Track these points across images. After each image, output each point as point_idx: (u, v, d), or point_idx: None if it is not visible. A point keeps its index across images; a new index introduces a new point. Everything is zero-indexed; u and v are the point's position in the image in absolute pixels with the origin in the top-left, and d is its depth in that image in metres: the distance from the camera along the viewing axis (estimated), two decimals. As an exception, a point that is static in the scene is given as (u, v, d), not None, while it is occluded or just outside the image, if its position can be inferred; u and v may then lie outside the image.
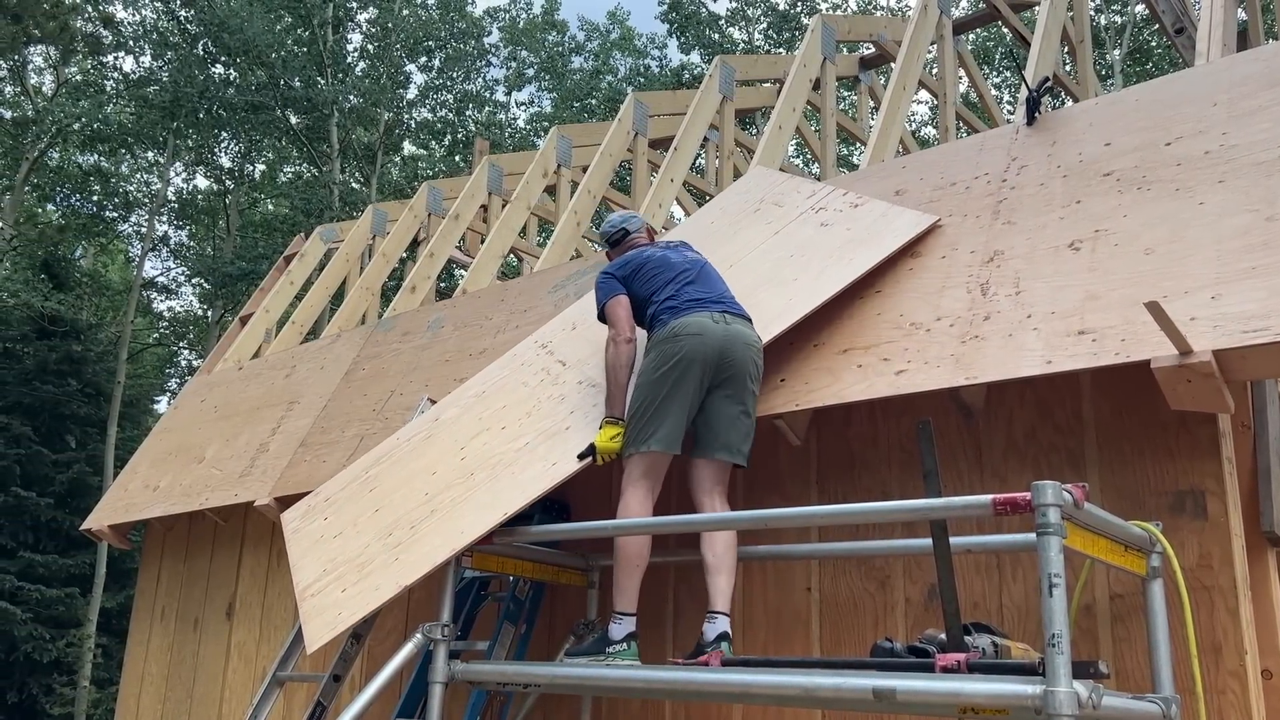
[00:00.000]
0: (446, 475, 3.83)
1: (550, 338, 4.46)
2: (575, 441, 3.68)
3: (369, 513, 3.87)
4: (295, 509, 4.23)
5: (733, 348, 3.54)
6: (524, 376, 4.25)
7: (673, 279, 3.79)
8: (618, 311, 3.80)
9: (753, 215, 4.63)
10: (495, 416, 4.07)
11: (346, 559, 3.65)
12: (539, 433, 3.82)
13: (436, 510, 3.64)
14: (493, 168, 8.05)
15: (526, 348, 4.48)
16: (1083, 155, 3.73)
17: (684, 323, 3.59)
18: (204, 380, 7.76)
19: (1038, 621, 3.18)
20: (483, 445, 3.91)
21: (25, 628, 17.11)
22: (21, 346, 20.21)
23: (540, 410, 3.96)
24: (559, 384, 4.08)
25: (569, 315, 4.58)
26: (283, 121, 22.22)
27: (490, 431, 3.97)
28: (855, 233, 4.02)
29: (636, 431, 3.55)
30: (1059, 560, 2.24)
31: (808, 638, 3.67)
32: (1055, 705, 2.14)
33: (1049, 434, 3.36)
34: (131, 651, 6.87)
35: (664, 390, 3.52)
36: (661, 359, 3.56)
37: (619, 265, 3.98)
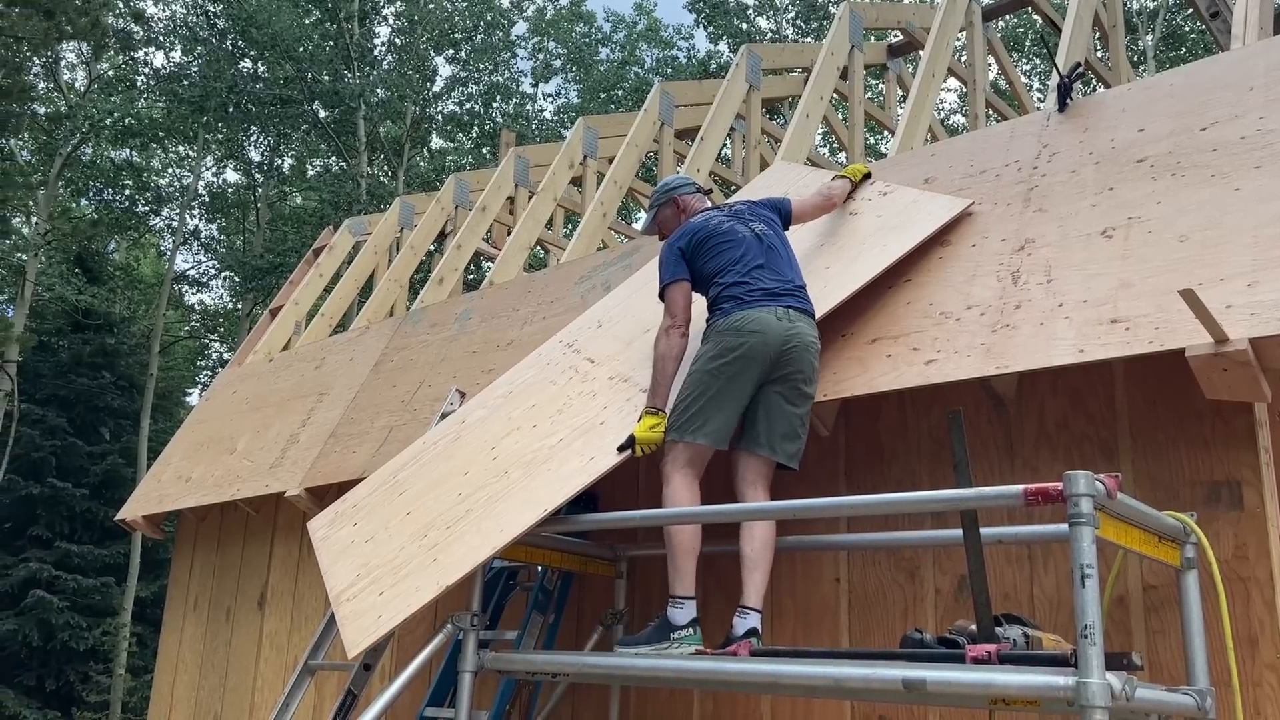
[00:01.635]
0: (479, 475, 3.80)
1: (576, 336, 4.42)
2: (611, 436, 3.63)
3: (400, 516, 3.83)
4: (322, 517, 4.19)
5: (793, 348, 3.45)
6: (552, 375, 4.22)
7: (739, 259, 3.63)
8: (677, 298, 3.66)
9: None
10: (525, 415, 4.03)
11: (381, 562, 3.60)
12: (572, 429, 3.78)
13: (472, 510, 3.59)
14: (519, 160, 8.06)
15: (552, 347, 4.44)
16: (1115, 142, 3.68)
17: (749, 317, 3.48)
18: (235, 372, 7.83)
19: (1070, 613, 3.15)
20: (515, 444, 3.87)
21: (62, 616, 17.38)
22: (57, 340, 20.50)
23: (572, 407, 3.92)
24: (589, 381, 4.04)
25: (594, 314, 4.54)
26: (310, 115, 22.36)
27: (521, 430, 3.94)
28: (886, 219, 3.98)
29: (685, 419, 3.47)
30: (1091, 551, 2.21)
31: (836, 629, 3.66)
32: (1088, 697, 2.12)
33: (1081, 424, 3.32)
34: (165, 640, 6.96)
35: (719, 384, 3.45)
36: (721, 351, 3.47)
37: (684, 236, 3.79)
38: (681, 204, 4.05)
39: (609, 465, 3.52)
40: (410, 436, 5.27)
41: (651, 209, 4.17)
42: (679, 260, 3.72)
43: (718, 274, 3.63)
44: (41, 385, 19.64)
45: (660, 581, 4.16)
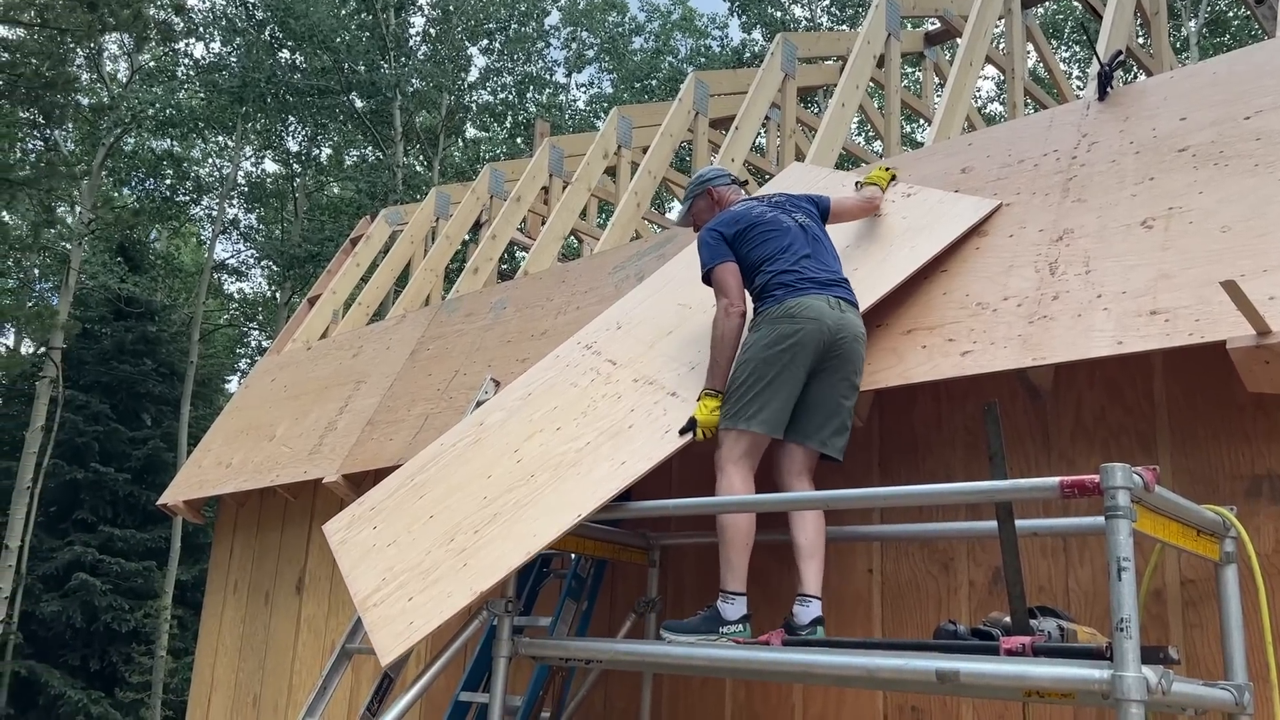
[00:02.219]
0: (504, 479, 3.74)
1: (594, 338, 4.37)
2: (641, 440, 3.56)
3: (422, 519, 3.77)
4: (338, 519, 4.10)
5: (843, 338, 3.42)
6: (572, 377, 4.17)
7: (786, 248, 3.60)
8: (728, 279, 3.61)
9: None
10: (547, 418, 3.98)
11: (407, 567, 3.53)
12: (600, 432, 3.73)
13: (499, 514, 3.54)
14: (554, 149, 8.08)
15: (570, 349, 4.38)
16: (1157, 131, 3.64)
17: (801, 304, 3.44)
18: (274, 360, 7.93)
19: (1105, 606, 3.13)
20: (539, 447, 3.82)
21: (105, 598, 17.72)
22: (100, 327, 20.84)
23: (596, 410, 3.87)
24: (612, 383, 3.98)
25: (612, 315, 4.49)
26: (347, 105, 22.52)
27: (544, 433, 3.89)
28: (913, 220, 3.95)
29: (739, 407, 3.42)
30: (1128, 544, 2.20)
31: (869, 620, 3.66)
32: (1124, 690, 2.11)
33: (1119, 416, 3.30)
34: (206, 623, 7.08)
35: (773, 371, 3.40)
36: (775, 338, 3.42)
37: (726, 223, 3.74)
38: (716, 195, 4.02)
39: (643, 470, 3.44)
40: (446, 424, 5.32)
41: (686, 200, 4.15)
42: (721, 243, 3.68)
43: (765, 262, 3.60)
44: (85, 372, 19.99)
45: (692, 570, 4.19)
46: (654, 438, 3.55)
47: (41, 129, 19.37)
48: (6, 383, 21.39)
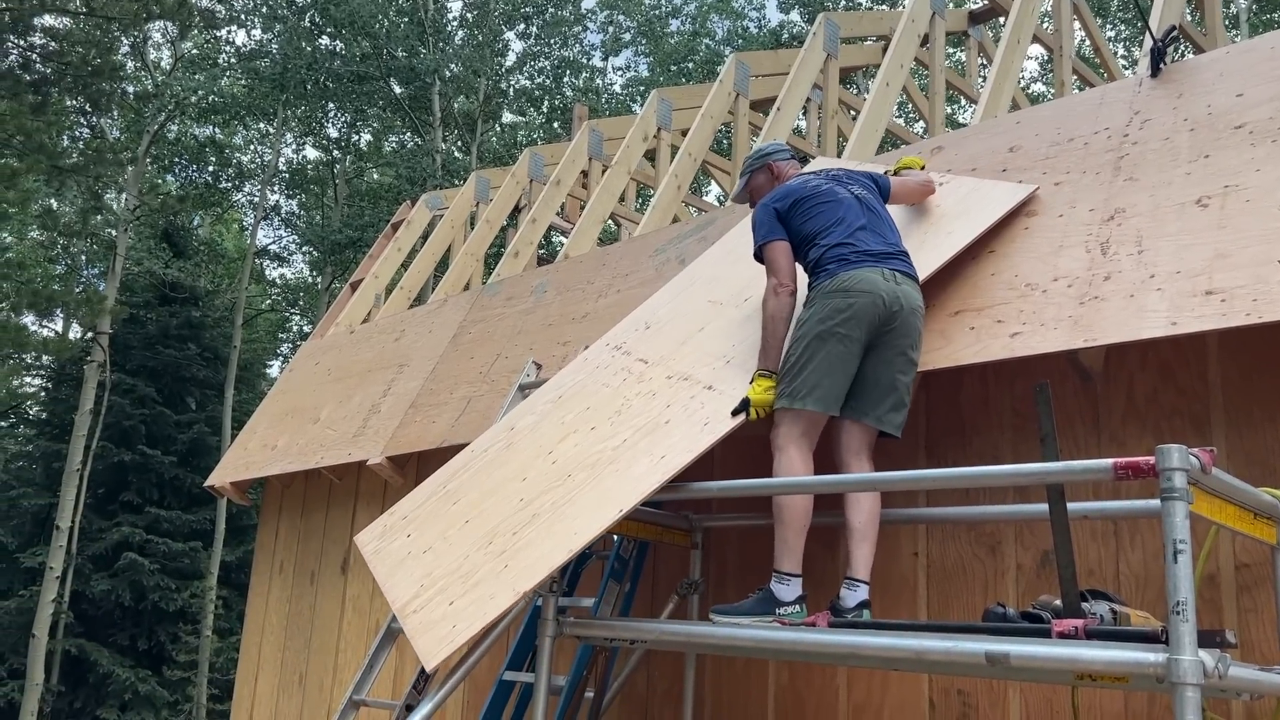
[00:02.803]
0: (540, 480, 3.70)
1: (623, 339, 4.32)
2: (679, 434, 3.52)
3: (458, 525, 3.73)
4: (370, 530, 4.05)
5: (900, 311, 3.36)
6: (604, 378, 4.12)
7: (840, 220, 3.53)
8: (779, 258, 3.55)
9: None
10: (580, 419, 3.93)
11: (446, 571, 3.49)
12: (635, 429, 3.68)
13: (538, 515, 3.50)
14: (593, 133, 8.07)
15: (599, 351, 4.34)
16: (1212, 107, 3.56)
17: (856, 277, 3.37)
18: (317, 344, 8.01)
19: (1157, 590, 3.09)
20: (573, 447, 3.78)
21: (153, 578, 18.07)
22: (145, 312, 21.18)
23: (631, 408, 3.82)
24: (645, 381, 3.94)
25: (639, 316, 4.45)
26: (386, 91, 22.64)
27: (579, 434, 3.84)
28: (947, 207, 3.90)
29: (795, 385, 3.36)
30: (1184, 527, 2.17)
31: (914, 603, 3.64)
32: (1179, 674, 2.08)
33: (1171, 397, 3.24)
34: (252, 603, 7.19)
35: (828, 346, 3.33)
36: (829, 312, 3.36)
37: (779, 197, 3.68)
38: (776, 170, 3.95)
39: (685, 462, 3.39)
40: (488, 407, 5.35)
41: (744, 175, 4.06)
42: (774, 220, 3.62)
43: (819, 234, 3.53)
44: (131, 356, 20.34)
45: (735, 552, 4.19)
46: (693, 431, 3.50)
47: (88, 117, 19.67)
48: (56, 367, 21.82)
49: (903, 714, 3.55)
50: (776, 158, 3.98)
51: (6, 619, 17.59)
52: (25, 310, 17.01)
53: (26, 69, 14.94)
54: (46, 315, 19.15)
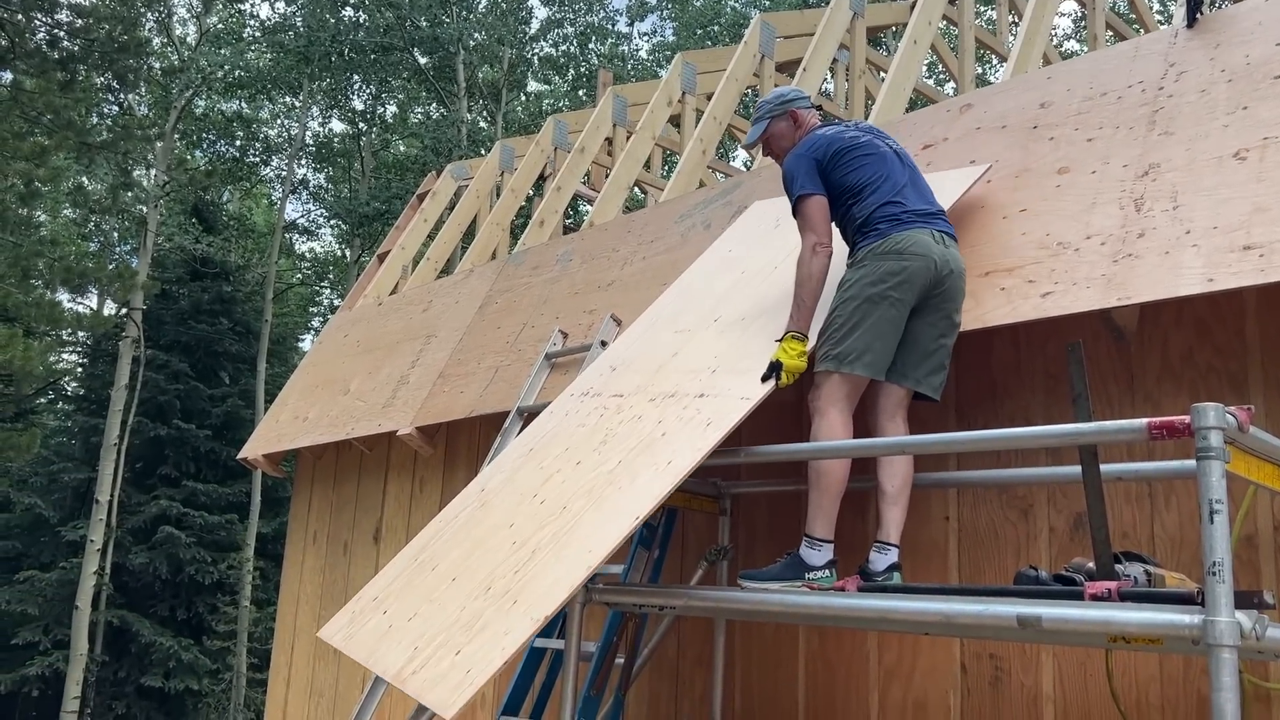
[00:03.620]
0: (531, 521, 3.50)
1: (589, 386, 4.17)
2: (682, 440, 3.36)
3: (444, 585, 3.48)
4: (335, 622, 3.70)
5: (949, 275, 3.29)
6: (578, 420, 3.96)
7: (886, 177, 3.40)
8: (816, 214, 3.40)
9: (775, 230, 4.36)
10: (560, 460, 3.75)
11: (443, 628, 3.25)
12: (628, 450, 3.51)
13: (538, 550, 3.30)
14: (617, 99, 8.00)
15: (563, 402, 4.18)
16: (1250, 58, 3.46)
17: (909, 238, 3.27)
18: (346, 316, 8.05)
19: (1193, 553, 3.05)
20: (562, 484, 3.59)
21: (190, 551, 18.38)
22: (177, 288, 21.40)
23: (616, 436, 3.65)
24: (626, 410, 3.78)
25: (602, 363, 4.31)
26: (411, 61, 22.58)
27: (562, 472, 3.66)
28: None
29: (842, 349, 3.26)
30: (1221, 486, 2.12)
31: (945, 567, 3.61)
32: (1216, 635, 2.04)
33: (1208, 356, 3.18)
34: (287, 573, 7.28)
35: (880, 310, 3.24)
36: (883, 274, 3.25)
37: (817, 147, 3.50)
38: (799, 118, 3.75)
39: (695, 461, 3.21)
40: (515, 376, 5.35)
41: (762, 120, 3.80)
42: (814, 172, 3.46)
43: (863, 190, 3.40)
44: (164, 332, 20.58)
45: (764, 518, 4.17)
46: (695, 433, 3.36)
47: (116, 93, 19.78)
48: (91, 343, 22.12)
49: (934, 678, 3.53)
50: (799, 105, 3.77)
51: (50, 590, 17.98)
52: (59, 287, 17.22)
53: (53, 46, 15.03)
54: (80, 291, 19.35)
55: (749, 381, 3.43)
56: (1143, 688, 3.07)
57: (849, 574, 3.31)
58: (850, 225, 3.46)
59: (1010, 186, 3.76)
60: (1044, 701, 3.26)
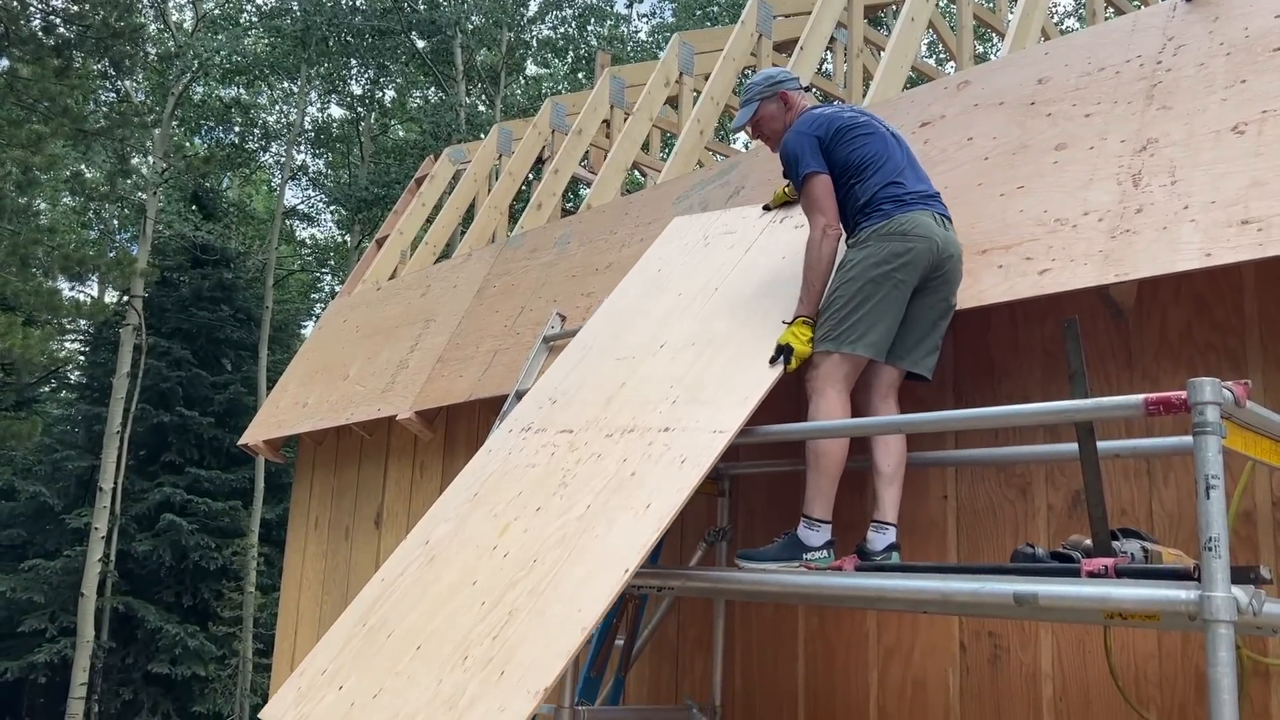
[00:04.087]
0: (497, 577, 3.19)
1: (529, 420, 3.96)
2: (654, 479, 3.17)
3: (408, 654, 3.15)
4: (280, 700, 3.37)
5: (950, 258, 3.31)
6: (524, 460, 3.71)
7: (888, 157, 3.40)
8: (824, 196, 3.39)
9: (705, 249, 4.31)
10: (515, 506, 3.48)
11: (420, 706, 2.91)
12: (594, 493, 3.28)
13: (516, 610, 3.01)
14: (615, 80, 7.96)
15: (502, 440, 3.94)
16: (1249, 30, 3.43)
17: (912, 220, 3.27)
18: (345, 301, 8.04)
19: (1191, 529, 3.04)
20: (523, 533, 3.31)
21: (194, 537, 18.42)
22: (178, 275, 21.39)
23: (576, 477, 3.41)
24: (580, 448, 3.55)
25: (539, 395, 4.09)
26: (409, 46, 22.48)
27: (520, 520, 3.38)
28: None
29: (844, 329, 3.26)
30: (1217, 461, 2.11)
31: (944, 546, 3.61)
32: (1212, 610, 2.04)
33: (1206, 332, 3.16)
34: (290, 558, 7.30)
35: (883, 291, 3.23)
36: (885, 256, 3.25)
37: (818, 125, 3.47)
38: (789, 100, 3.72)
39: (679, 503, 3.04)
40: (514, 360, 5.34)
41: (751, 102, 3.74)
42: (817, 150, 3.43)
43: (865, 169, 3.39)
44: (166, 319, 20.58)
45: (762, 499, 4.17)
46: (670, 472, 3.17)
47: (112, 79, 19.71)
48: (93, 331, 22.12)
49: (933, 657, 3.53)
50: (789, 86, 3.74)
51: (55, 578, 18.04)
52: (59, 274, 17.21)
53: (49, 32, 14.96)
54: (80, 279, 19.38)
55: (717, 413, 3.32)
56: (1141, 664, 3.07)
57: (847, 554, 3.31)
58: (851, 204, 3.44)
59: (1008, 163, 3.73)
60: (1043, 679, 3.26)
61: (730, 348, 3.58)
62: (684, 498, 3.04)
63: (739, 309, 3.78)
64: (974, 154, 3.90)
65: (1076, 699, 3.18)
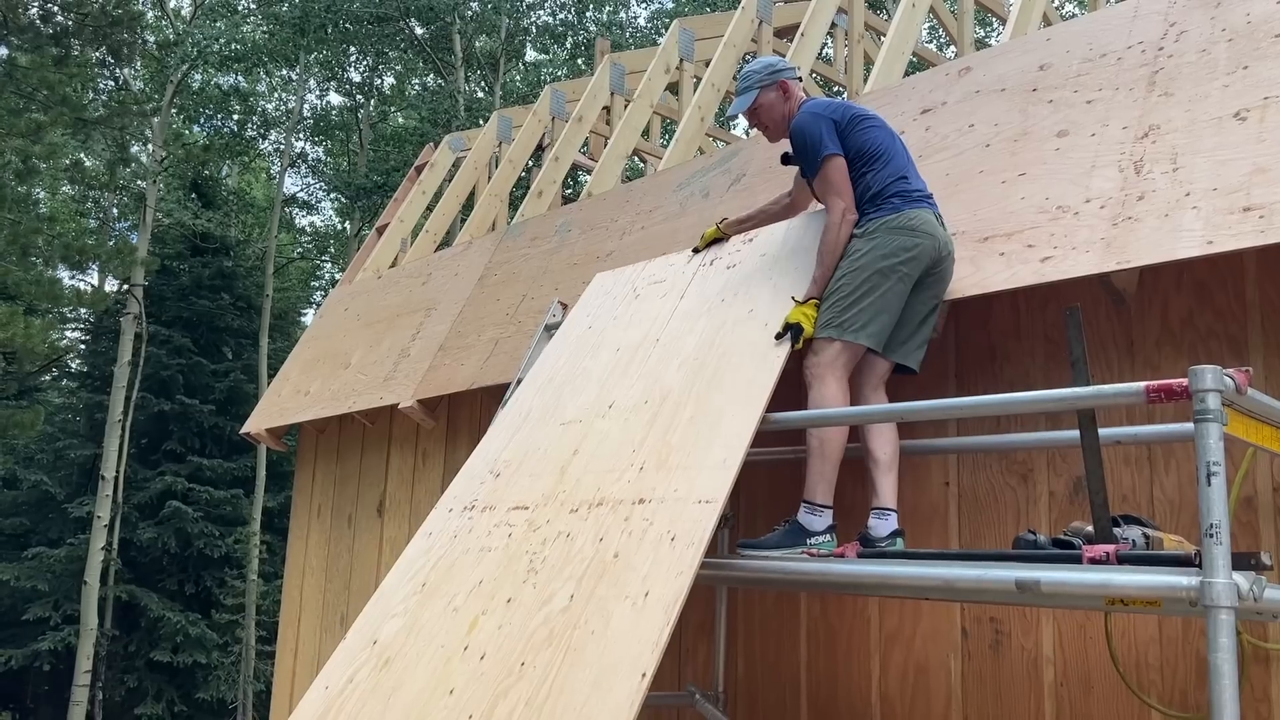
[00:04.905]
0: (480, 685, 2.79)
1: (471, 498, 3.66)
2: (645, 559, 2.88)
3: None
4: None
5: (946, 256, 3.40)
6: (476, 544, 3.37)
7: (898, 152, 3.47)
8: (841, 177, 3.42)
9: (636, 300, 4.20)
10: (478, 598, 3.12)
11: None
12: (573, 579, 2.96)
13: None
14: (615, 67, 7.93)
15: (442, 522, 3.62)
16: (1251, 16, 3.42)
17: (919, 216, 3.34)
18: (346, 289, 8.03)
19: (1192, 516, 3.05)
20: (497, 630, 2.94)
21: (197, 525, 18.47)
22: (178, 264, 21.38)
23: (546, 561, 3.09)
24: (544, 526, 3.23)
25: (478, 467, 3.83)
26: (407, 32, 22.40)
27: (490, 615, 3.01)
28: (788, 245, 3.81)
29: (848, 317, 3.29)
30: (1219, 448, 2.12)
31: (945, 533, 3.62)
32: (1213, 597, 2.05)
33: (1208, 319, 3.17)
34: (292, 546, 7.32)
35: (889, 283, 3.29)
36: (895, 249, 3.30)
37: (832, 109, 3.51)
38: (789, 89, 3.72)
39: (684, 587, 2.74)
40: (515, 349, 5.35)
41: (750, 90, 3.70)
42: (834, 133, 3.45)
43: (877, 159, 3.44)
44: (166, 308, 20.58)
45: (763, 486, 4.18)
46: (662, 552, 2.87)
47: (111, 68, 19.66)
48: (93, 320, 22.13)
49: (935, 643, 3.55)
50: (789, 75, 3.74)
51: (59, 566, 18.09)
52: (59, 264, 17.19)
53: (46, 21, 14.92)
54: (80, 268, 19.37)
55: (695, 478, 3.08)
56: (1142, 650, 3.09)
57: (848, 540, 3.32)
58: (860, 193, 3.47)
59: (1009, 150, 3.73)
60: (1044, 664, 3.28)
61: (689, 405, 3.39)
62: (687, 582, 2.74)
63: (687, 361, 3.60)
64: (975, 141, 3.90)
65: (1077, 684, 3.19)
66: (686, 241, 4.91)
